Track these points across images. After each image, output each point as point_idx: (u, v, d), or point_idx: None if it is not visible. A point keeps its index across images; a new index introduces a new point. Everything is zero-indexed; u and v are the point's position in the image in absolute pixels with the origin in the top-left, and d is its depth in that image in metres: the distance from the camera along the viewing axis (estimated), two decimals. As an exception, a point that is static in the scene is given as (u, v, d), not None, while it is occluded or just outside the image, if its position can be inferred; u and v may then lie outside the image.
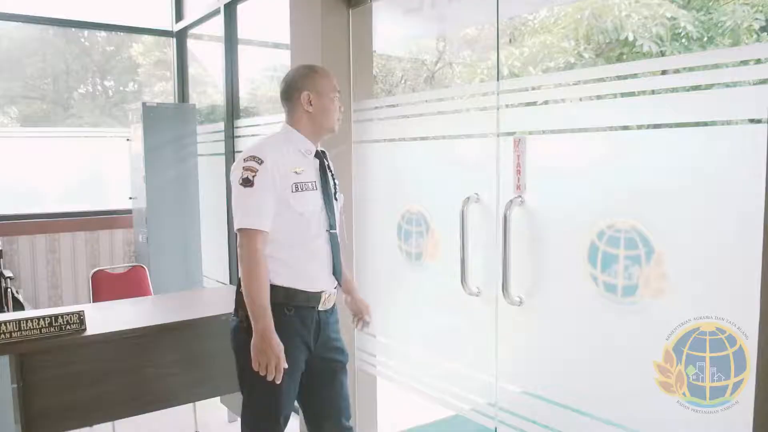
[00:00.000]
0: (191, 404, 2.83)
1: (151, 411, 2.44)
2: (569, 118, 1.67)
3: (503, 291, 1.78)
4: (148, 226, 4.00)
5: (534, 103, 1.78)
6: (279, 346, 1.74)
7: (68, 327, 2.20)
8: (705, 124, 1.39)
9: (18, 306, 3.71)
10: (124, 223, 4.52)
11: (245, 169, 1.78)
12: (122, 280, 3.26)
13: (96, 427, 2.46)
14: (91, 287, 3.15)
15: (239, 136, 3.58)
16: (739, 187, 1.30)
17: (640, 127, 1.52)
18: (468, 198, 1.96)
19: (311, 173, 1.88)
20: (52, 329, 2.19)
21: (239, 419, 1.99)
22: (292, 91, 1.89)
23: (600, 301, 1.56)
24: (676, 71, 1.41)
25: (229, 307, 1.95)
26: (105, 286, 3.17)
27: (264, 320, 1.74)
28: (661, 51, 6.40)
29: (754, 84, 1.27)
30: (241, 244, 1.78)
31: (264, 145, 1.86)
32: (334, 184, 1.97)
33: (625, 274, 1.49)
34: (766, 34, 6.43)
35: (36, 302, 4.28)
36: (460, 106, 2.12)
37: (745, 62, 1.32)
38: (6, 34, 4.64)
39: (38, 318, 2.17)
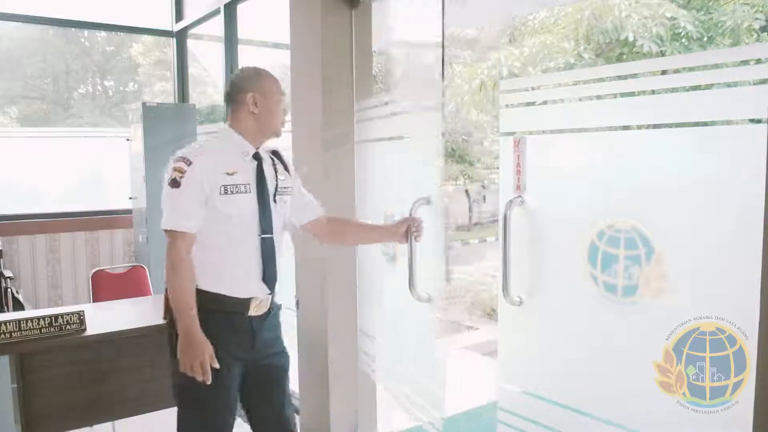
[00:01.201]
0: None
1: (151, 411, 2.44)
2: (569, 118, 1.67)
3: (503, 291, 1.78)
4: (148, 226, 4.00)
5: (534, 103, 1.78)
6: (204, 343, 1.72)
7: (68, 327, 2.20)
8: (705, 124, 1.39)
9: (18, 306, 3.71)
10: (124, 223, 4.52)
11: (174, 169, 1.77)
12: (122, 280, 3.26)
13: (96, 427, 2.46)
14: (91, 287, 3.15)
15: None
16: (739, 187, 1.30)
17: (640, 127, 1.52)
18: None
19: (246, 176, 1.85)
20: (52, 329, 2.19)
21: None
22: (237, 91, 1.88)
23: (600, 301, 1.56)
24: (676, 71, 1.41)
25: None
26: (105, 286, 3.17)
27: (187, 318, 1.72)
28: (661, 51, 6.40)
29: (754, 84, 1.27)
30: (167, 245, 1.77)
31: (196, 147, 1.85)
32: (277, 186, 1.92)
33: (625, 274, 1.49)
34: (766, 34, 6.43)
35: (36, 302, 4.28)
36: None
37: (745, 62, 1.32)
38: (6, 34, 4.64)
39: (38, 318, 2.17)
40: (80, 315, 2.22)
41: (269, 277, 1.87)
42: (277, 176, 1.93)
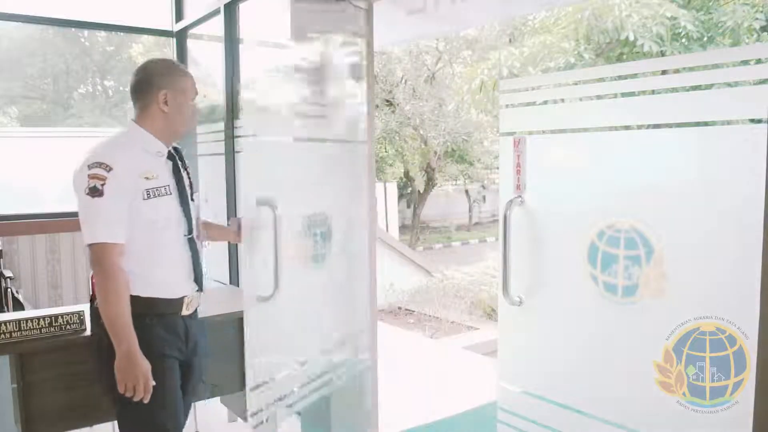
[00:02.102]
0: (191, 404, 2.83)
1: (151, 411, 2.43)
2: (569, 118, 1.67)
3: (503, 291, 1.78)
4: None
5: (534, 103, 1.78)
6: (144, 365, 1.66)
7: (68, 327, 2.20)
8: (705, 124, 1.39)
9: (18, 306, 3.71)
10: (124, 223, 4.52)
11: (92, 177, 1.64)
12: (122, 280, 3.25)
13: (96, 427, 2.46)
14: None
15: (239, 136, 3.58)
16: (739, 187, 1.30)
17: (640, 127, 1.52)
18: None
19: (165, 177, 1.77)
20: (52, 329, 2.19)
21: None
22: (146, 86, 1.78)
23: (600, 301, 1.56)
24: (676, 71, 1.41)
25: (228, 306, 1.95)
26: (105, 286, 3.17)
27: (128, 340, 1.65)
28: (661, 51, 6.40)
29: (754, 84, 1.27)
30: (96, 260, 1.67)
31: (111, 149, 1.72)
32: (190, 184, 1.87)
33: (625, 274, 1.49)
34: (766, 33, 6.43)
35: (36, 302, 4.28)
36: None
37: (745, 62, 1.32)
38: (6, 34, 4.65)
39: (38, 318, 2.17)
40: (80, 315, 2.22)
41: (198, 275, 1.86)
42: (188, 175, 1.88)
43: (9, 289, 3.65)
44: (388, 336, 4.78)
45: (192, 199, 1.87)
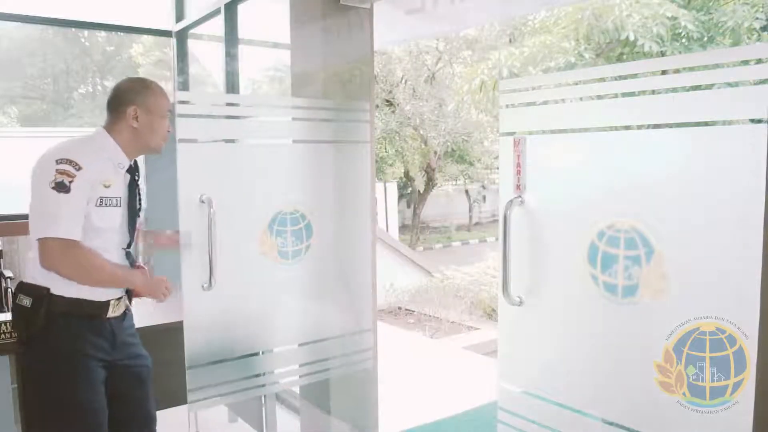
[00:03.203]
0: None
1: (151, 411, 2.43)
2: (569, 118, 1.67)
3: (503, 291, 1.78)
4: (148, 226, 3.99)
5: (534, 103, 1.78)
6: (154, 278, 1.94)
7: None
8: (705, 124, 1.39)
9: (18, 306, 3.71)
10: (124, 223, 4.52)
11: (60, 172, 1.67)
12: (122, 280, 3.25)
13: (96, 426, 2.46)
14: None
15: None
16: (739, 187, 1.30)
17: (640, 127, 1.52)
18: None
19: (119, 189, 1.82)
20: (52, 329, 2.18)
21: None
22: (119, 102, 1.84)
23: (600, 301, 1.56)
24: (677, 71, 1.41)
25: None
26: (105, 286, 3.17)
27: (131, 276, 1.87)
28: (661, 51, 6.40)
29: (754, 84, 1.27)
30: (58, 253, 1.67)
31: (80, 149, 1.75)
32: (139, 200, 1.93)
33: (625, 274, 1.49)
34: (766, 33, 6.43)
35: (36, 302, 4.27)
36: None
37: (745, 62, 1.32)
38: (6, 34, 4.65)
39: (38, 318, 2.17)
40: (80, 315, 2.22)
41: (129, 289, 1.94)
42: (140, 189, 1.94)
43: (9, 289, 3.65)
44: (388, 336, 4.78)
45: (138, 215, 1.93)
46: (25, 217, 1.74)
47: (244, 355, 2.41)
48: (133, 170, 1.89)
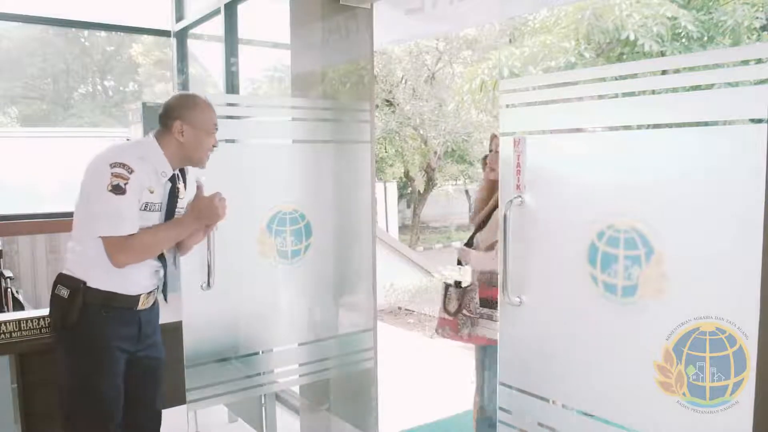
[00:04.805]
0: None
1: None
2: (569, 118, 1.67)
3: (503, 291, 1.78)
4: (148, 226, 3.99)
5: (534, 103, 1.77)
6: (204, 201, 1.94)
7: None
8: (705, 124, 1.38)
9: (18, 306, 3.72)
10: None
11: (115, 175, 1.79)
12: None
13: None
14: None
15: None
16: (739, 187, 1.29)
17: (640, 127, 1.52)
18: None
19: (159, 195, 1.93)
20: (52, 329, 2.18)
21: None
22: (167, 116, 1.93)
23: (600, 301, 1.56)
24: (677, 71, 1.41)
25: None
26: (105, 286, 3.17)
27: (185, 221, 1.94)
28: (661, 51, 6.40)
29: (754, 84, 1.27)
30: (123, 250, 1.82)
31: (132, 155, 1.86)
32: (177, 205, 2.01)
33: (625, 274, 1.49)
34: (766, 33, 6.44)
35: (36, 302, 4.28)
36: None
37: (745, 62, 1.32)
38: (6, 34, 4.65)
39: (38, 318, 2.18)
40: (80, 315, 2.22)
41: (160, 281, 2.02)
42: (178, 195, 2.02)
43: (9, 289, 3.65)
44: (388, 336, 4.78)
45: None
46: (25, 217, 1.81)
47: (243, 355, 2.42)
48: (174, 179, 1.98)
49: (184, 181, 2.06)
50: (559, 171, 1.69)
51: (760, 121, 1.25)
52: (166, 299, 2.09)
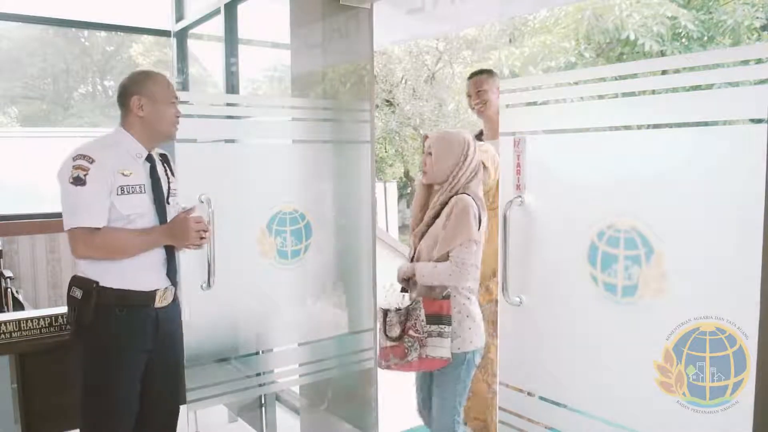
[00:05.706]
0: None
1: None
2: (569, 118, 1.67)
3: (503, 291, 1.78)
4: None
5: (534, 103, 1.77)
6: (176, 222, 1.87)
7: (68, 327, 2.21)
8: (705, 124, 1.38)
9: (18, 306, 3.72)
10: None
11: (76, 167, 1.80)
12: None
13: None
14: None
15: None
16: (739, 187, 1.29)
17: (640, 127, 1.52)
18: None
19: (140, 176, 1.89)
20: (52, 329, 2.19)
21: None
22: (123, 94, 1.91)
23: (600, 301, 1.55)
24: (677, 71, 1.41)
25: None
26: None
27: (153, 235, 1.86)
28: (661, 51, 6.40)
29: (754, 84, 1.27)
30: (81, 242, 1.81)
31: (95, 146, 1.87)
32: (169, 188, 1.99)
33: (625, 274, 1.49)
34: (766, 33, 6.43)
35: (36, 302, 4.28)
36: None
37: (745, 62, 1.32)
38: (6, 34, 4.65)
39: (38, 318, 2.18)
40: (80, 315, 2.22)
41: (171, 270, 1.96)
42: (168, 179, 2.00)
43: (9, 289, 3.65)
44: (388, 336, 4.76)
45: (168, 202, 1.97)
46: (25, 217, 1.82)
47: (243, 355, 2.42)
48: (152, 159, 1.94)
49: (170, 168, 2.04)
50: (559, 171, 1.69)
51: (760, 121, 1.25)
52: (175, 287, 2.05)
